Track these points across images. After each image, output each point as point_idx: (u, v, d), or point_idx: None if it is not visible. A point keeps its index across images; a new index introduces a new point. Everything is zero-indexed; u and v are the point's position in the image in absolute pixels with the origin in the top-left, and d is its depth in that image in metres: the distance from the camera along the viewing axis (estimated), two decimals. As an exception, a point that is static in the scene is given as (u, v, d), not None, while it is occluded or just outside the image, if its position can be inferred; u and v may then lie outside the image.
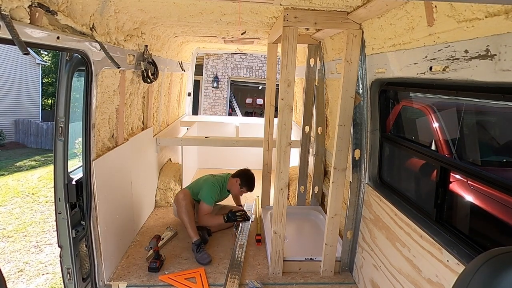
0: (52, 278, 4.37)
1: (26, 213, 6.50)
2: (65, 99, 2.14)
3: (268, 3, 2.30)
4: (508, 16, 1.17)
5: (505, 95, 1.35)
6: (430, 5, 1.56)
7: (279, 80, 2.55)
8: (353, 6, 2.22)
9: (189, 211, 3.19)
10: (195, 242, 3.05)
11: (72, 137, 2.25)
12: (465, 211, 2.14)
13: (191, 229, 3.12)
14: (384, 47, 2.15)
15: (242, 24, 3.13)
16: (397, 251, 2.13)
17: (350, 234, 2.78)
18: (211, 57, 12.01)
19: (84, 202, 2.38)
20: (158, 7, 2.58)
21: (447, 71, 1.55)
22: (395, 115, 2.56)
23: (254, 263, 2.98)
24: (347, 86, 2.50)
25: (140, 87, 3.32)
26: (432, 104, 2.53)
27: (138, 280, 2.68)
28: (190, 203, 3.25)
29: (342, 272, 2.86)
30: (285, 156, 2.57)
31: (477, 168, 1.85)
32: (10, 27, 1.40)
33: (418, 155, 2.24)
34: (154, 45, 3.56)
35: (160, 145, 4.21)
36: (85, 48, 2.11)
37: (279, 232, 2.71)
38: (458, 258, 1.58)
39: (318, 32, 3.15)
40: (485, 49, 1.30)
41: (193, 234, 3.10)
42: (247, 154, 5.50)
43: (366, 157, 2.66)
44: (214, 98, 12.30)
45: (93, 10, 2.15)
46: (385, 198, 2.35)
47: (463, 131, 2.15)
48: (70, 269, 2.34)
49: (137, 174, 3.40)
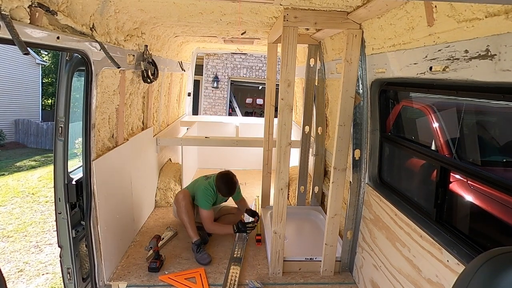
0: (52, 278, 4.37)
1: (26, 213, 6.50)
2: (65, 99, 2.14)
3: (268, 3, 2.30)
4: (508, 16, 1.17)
5: (505, 95, 1.35)
6: (430, 5, 1.56)
7: (279, 80, 2.55)
8: (353, 6, 2.22)
9: (188, 211, 3.16)
10: (195, 242, 3.04)
11: (72, 137, 2.25)
12: (465, 211, 2.14)
13: (191, 229, 3.10)
14: (384, 47, 2.15)
15: (242, 24, 3.13)
16: (397, 251, 2.13)
17: (350, 234, 2.78)
18: (211, 57, 12.01)
19: (84, 202, 2.37)
20: (158, 7, 2.58)
21: (447, 71, 1.55)
22: (395, 115, 2.56)
23: (254, 263, 2.98)
24: (347, 86, 2.50)
25: (140, 87, 3.32)
26: (432, 104, 2.53)
27: (138, 280, 2.68)
28: (189, 203, 3.22)
29: (342, 272, 2.86)
30: (285, 156, 2.57)
31: (477, 168, 1.85)
32: (10, 27, 1.40)
33: (418, 155, 2.24)
34: (154, 45, 3.56)
35: (160, 145, 4.21)
36: (85, 48, 2.11)
37: (279, 232, 2.71)
38: (458, 258, 1.58)
39: (318, 32, 3.15)
40: (485, 49, 1.30)
41: (193, 234, 3.09)
42: (247, 154, 5.50)
43: (366, 157, 2.66)
44: (214, 98, 12.30)
45: (93, 10, 2.15)
46: (385, 198, 2.35)
47: (463, 131, 2.15)
48: (70, 269, 2.34)
49: (137, 174, 3.40)
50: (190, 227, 3.10)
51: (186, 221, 3.13)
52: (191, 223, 3.12)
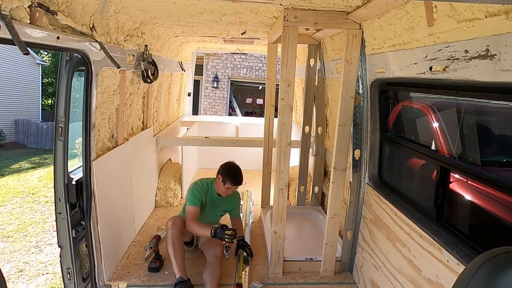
0: (52, 278, 4.37)
1: (26, 213, 6.50)
2: (65, 99, 2.14)
3: (268, 3, 2.30)
4: (508, 16, 1.17)
5: (505, 95, 1.35)
6: (430, 5, 1.56)
7: (279, 80, 2.55)
8: (353, 6, 2.22)
9: (174, 242, 2.62)
10: (177, 280, 2.52)
11: (72, 137, 2.25)
12: (465, 211, 2.13)
13: (175, 264, 2.57)
14: (384, 47, 2.15)
15: (242, 24, 3.13)
16: (397, 251, 2.13)
17: (350, 234, 2.78)
18: (211, 57, 12.00)
19: (84, 202, 2.37)
20: (158, 7, 2.58)
21: (447, 71, 1.55)
22: (395, 115, 2.56)
23: (254, 263, 2.98)
24: (347, 86, 2.50)
25: (140, 87, 3.32)
26: (432, 104, 2.53)
27: (138, 280, 2.68)
28: (178, 233, 2.69)
29: (342, 272, 2.86)
30: (285, 156, 2.57)
31: (477, 168, 1.85)
32: (10, 27, 1.40)
33: (418, 155, 2.24)
34: (154, 45, 3.56)
35: (160, 145, 4.21)
36: (85, 48, 2.11)
37: (279, 232, 2.71)
38: (458, 258, 1.58)
39: (318, 32, 3.15)
40: (485, 49, 1.30)
41: (177, 270, 2.55)
42: (247, 154, 5.50)
43: (366, 157, 2.66)
44: (214, 98, 12.29)
45: (93, 10, 2.15)
46: (385, 198, 2.35)
47: (463, 131, 2.15)
48: (70, 269, 2.34)
49: (137, 174, 3.40)
50: (175, 262, 2.57)
51: (171, 254, 2.60)
52: (176, 258, 2.58)
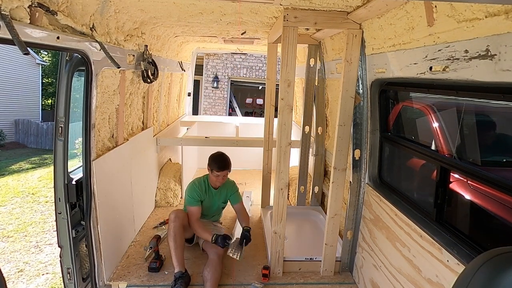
0: (52, 278, 4.37)
1: (26, 213, 6.50)
2: (65, 99, 2.14)
3: (268, 3, 2.30)
4: (508, 16, 1.17)
5: (505, 95, 1.35)
6: (430, 5, 1.56)
7: (279, 80, 2.55)
8: (353, 6, 2.22)
9: (176, 235, 2.70)
10: (176, 274, 2.60)
11: (72, 137, 2.25)
12: (465, 211, 2.13)
13: (175, 257, 2.64)
14: (384, 47, 2.15)
15: (242, 24, 3.13)
16: (397, 251, 2.13)
17: (350, 234, 2.78)
18: (211, 57, 12.00)
19: (84, 202, 2.37)
20: (158, 7, 2.58)
21: (447, 71, 1.55)
22: (395, 115, 2.56)
23: (254, 263, 2.98)
24: (347, 86, 2.50)
25: (140, 87, 3.32)
26: (432, 104, 2.53)
27: (138, 280, 2.68)
28: (180, 226, 2.75)
29: (342, 272, 2.86)
30: (285, 156, 2.57)
31: (477, 168, 1.85)
32: (10, 27, 1.40)
33: (418, 155, 2.23)
34: (154, 45, 3.56)
35: (160, 145, 4.21)
36: (85, 48, 2.11)
37: (279, 232, 2.71)
38: (458, 258, 1.58)
39: (318, 32, 3.14)
40: (485, 49, 1.30)
41: (176, 263, 2.63)
42: (247, 154, 5.50)
43: (366, 157, 2.66)
44: (214, 98, 12.28)
45: (93, 10, 2.15)
46: (385, 198, 2.35)
47: (463, 131, 2.15)
48: (70, 269, 2.34)
49: (137, 174, 3.40)
50: (175, 255, 2.64)
51: (171, 246, 2.68)
52: (176, 251, 2.66)
